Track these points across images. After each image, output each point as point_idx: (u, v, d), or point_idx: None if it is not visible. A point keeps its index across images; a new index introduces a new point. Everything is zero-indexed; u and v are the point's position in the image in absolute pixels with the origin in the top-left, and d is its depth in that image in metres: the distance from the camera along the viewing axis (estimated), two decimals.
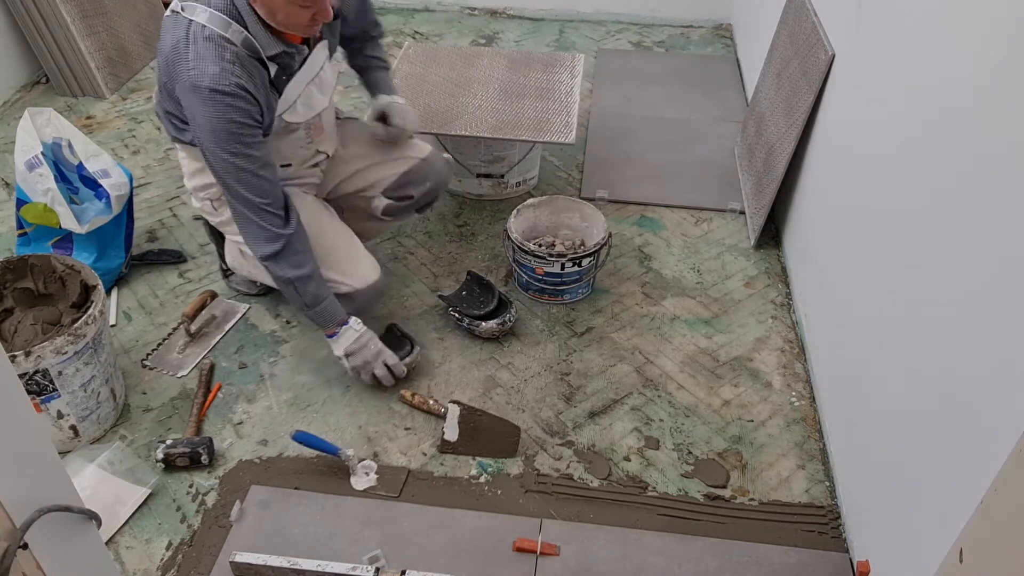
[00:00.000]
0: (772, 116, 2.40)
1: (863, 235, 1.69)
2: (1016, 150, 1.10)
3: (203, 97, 1.58)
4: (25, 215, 2.03)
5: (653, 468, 1.74)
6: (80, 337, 1.62)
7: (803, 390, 1.93)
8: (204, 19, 1.59)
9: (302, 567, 1.44)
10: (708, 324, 2.11)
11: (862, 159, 1.75)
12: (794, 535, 1.61)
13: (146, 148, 2.81)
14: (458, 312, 2.03)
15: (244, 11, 1.61)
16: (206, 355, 2.00)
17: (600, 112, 3.01)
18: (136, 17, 3.30)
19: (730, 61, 3.41)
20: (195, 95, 1.59)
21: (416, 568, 1.48)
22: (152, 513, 1.65)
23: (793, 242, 2.26)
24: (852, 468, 1.64)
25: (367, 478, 1.70)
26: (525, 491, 1.69)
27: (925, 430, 1.30)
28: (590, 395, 1.91)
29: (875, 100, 1.70)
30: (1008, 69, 1.15)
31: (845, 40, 1.94)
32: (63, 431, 1.72)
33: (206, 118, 1.60)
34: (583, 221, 2.24)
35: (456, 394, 1.90)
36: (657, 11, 3.75)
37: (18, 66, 3.11)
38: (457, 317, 2.03)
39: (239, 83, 1.59)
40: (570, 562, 1.55)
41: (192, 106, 1.61)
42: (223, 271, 2.20)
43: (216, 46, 1.58)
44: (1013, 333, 1.06)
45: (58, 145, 2.05)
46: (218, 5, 1.61)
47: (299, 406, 1.88)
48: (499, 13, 3.86)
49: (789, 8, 2.45)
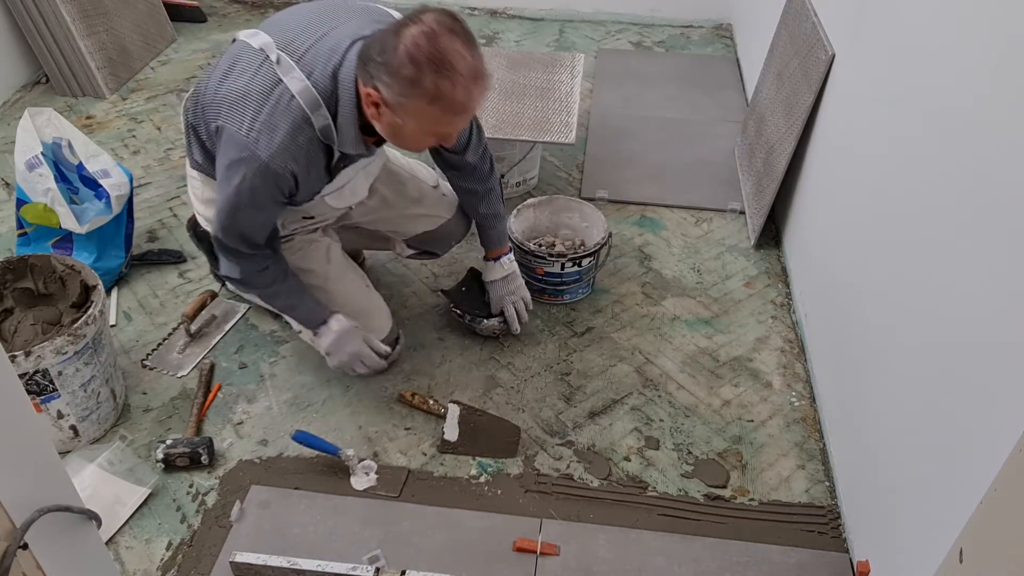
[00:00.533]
0: (772, 116, 2.40)
1: (863, 235, 1.69)
2: (1016, 150, 1.10)
3: (251, 163, 1.48)
4: (25, 215, 2.03)
5: (653, 468, 1.74)
6: (80, 337, 1.62)
7: (803, 390, 1.93)
8: (296, 89, 1.46)
9: (302, 567, 1.44)
10: (708, 324, 2.11)
11: (862, 159, 1.75)
12: (794, 535, 1.61)
13: (146, 148, 2.81)
14: (459, 309, 2.02)
15: (344, 101, 1.48)
16: (206, 355, 2.00)
17: (600, 112, 3.01)
18: (136, 17, 3.31)
19: (730, 61, 3.41)
20: (242, 153, 1.48)
21: (416, 568, 1.48)
22: (152, 513, 1.65)
23: (793, 242, 2.26)
24: (852, 468, 1.64)
25: (367, 478, 1.70)
26: (525, 491, 1.69)
27: (925, 430, 1.30)
28: (590, 395, 1.91)
29: (875, 100, 1.70)
30: (1008, 69, 1.15)
31: (845, 40, 1.94)
32: (63, 431, 1.72)
33: (243, 178, 1.49)
34: (583, 221, 2.24)
35: (456, 394, 1.90)
36: (657, 11, 3.75)
37: (18, 66, 3.11)
38: (459, 313, 2.02)
39: (293, 170, 1.50)
40: (570, 562, 1.55)
41: (234, 160, 1.50)
42: (216, 275, 2.17)
43: (294, 125, 1.46)
44: (1013, 333, 1.06)
45: (58, 145, 2.05)
46: (318, 81, 1.47)
47: (299, 406, 1.88)
48: (499, 13, 3.86)
49: (789, 8, 2.45)
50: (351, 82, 1.47)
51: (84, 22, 3.00)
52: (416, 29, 1.37)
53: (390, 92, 1.40)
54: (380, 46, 1.40)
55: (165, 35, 3.50)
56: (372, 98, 1.43)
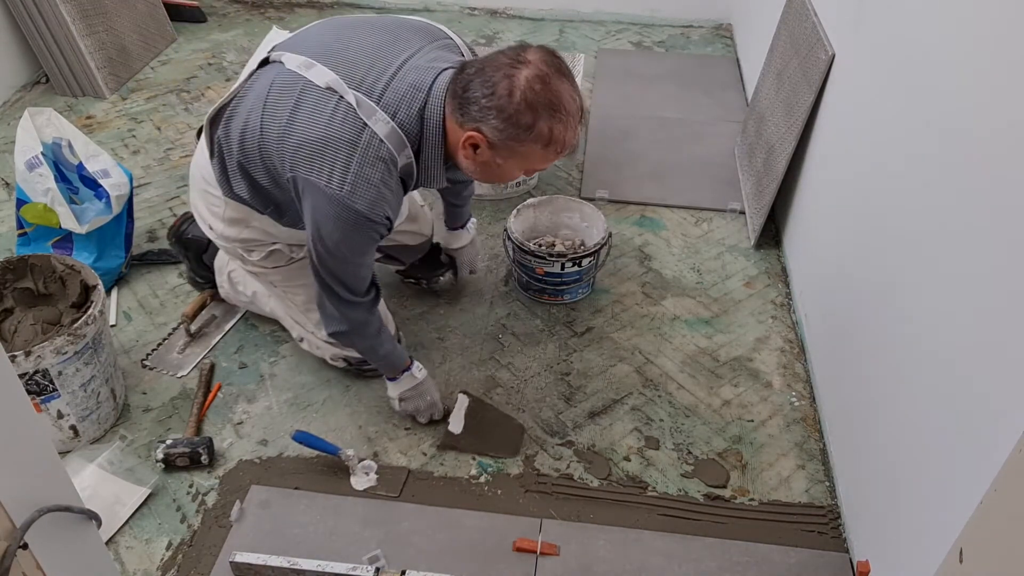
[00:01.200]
0: (772, 116, 2.40)
1: (863, 235, 1.69)
2: (1017, 149, 1.10)
3: (346, 217, 1.41)
4: (25, 215, 2.03)
5: (653, 468, 1.74)
6: (80, 337, 1.62)
7: (803, 390, 1.93)
8: (384, 133, 1.40)
9: (302, 567, 1.44)
10: (708, 324, 2.11)
11: (862, 159, 1.75)
12: (794, 535, 1.61)
13: (146, 148, 2.81)
14: (413, 278, 2.18)
15: (430, 139, 1.45)
16: (206, 355, 2.00)
17: (600, 112, 3.01)
18: (136, 17, 3.31)
19: (730, 61, 3.41)
20: (336, 208, 1.40)
21: (416, 568, 1.48)
22: (152, 513, 1.65)
23: (793, 242, 2.26)
24: (852, 468, 1.64)
25: (367, 478, 1.70)
26: (525, 491, 1.69)
27: (925, 430, 1.30)
28: (590, 395, 1.91)
29: (875, 100, 1.70)
30: (1008, 68, 1.15)
31: (845, 40, 1.94)
32: (63, 431, 1.72)
33: (339, 231, 1.43)
34: (583, 221, 2.24)
35: (456, 394, 1.90)
36: (657, 11, 3.75)
37: (18, 66, 3.11)
38: (413, 281, 2.19)
39: (388, 215, 1.45)
40: (570, 562, 1.55)
41: (326, 215, 1.42)
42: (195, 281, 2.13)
43: (385, 171, 1.41)
44: (1013, 333, 1.06)
45: (58, 145, 2.05)
46: (403, 122, 1.42)
47: (299, 406, 1.88)
48: (499, 13, 3.86)
49: (789, 8, 2.45)
50: (439, 119, 1.43)
51: (84, 22, 3.00)
52: (530, 73, 1.34)
53: (500, 136, 1.37)
54: (485, 87, 1.35)
55: (165, 35, 3.50)
56: (473, 140, 1.39)
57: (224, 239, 1.75)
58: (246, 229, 1.71)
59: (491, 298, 2.19)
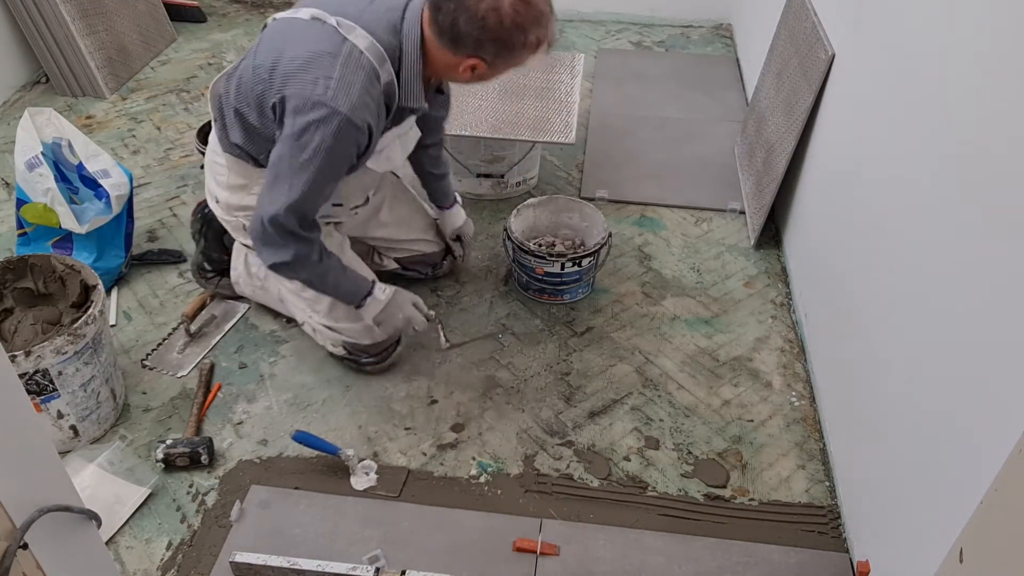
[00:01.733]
0: (772, 116, 2.40)
1: (863, 235, 1.69)
2: (1017, 148, 1.10)
3: (330, 121, 1.46)
4: (25, 215, 2.03)
5: (653, 468, 1.74)
6: (80, 337, 1.62)
7: (803, 390, 1.93)
8: (364, 46, 1.48)
9: (302, 567, 1.44)
10: (708, 324, 2.11)
11: (862, 159, 1.75)
12: (794, 535, 1.61)
13: (146, 148, 2.81)
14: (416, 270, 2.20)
15: (408, 51, 1.52)
16: (206, 355, 2.00)
17: (600, 112, 3.01)
18: (136, 16, 3.31)
19: (730, 61, 3.41)
20: (320, 112, 1.45)
21: (416, 568, 1.48)
22: (152, 513, 1.65)
23: (793, 242, 2.26)
24: (852, 468, 1.64)
25: (367, 478, 1.70)
26: (525, 491, 1.69)
27: (925, 430, 1.30)
28: (590, 395, 1.91)
29: (875, 99, 1.70)
30: (1008, 68, 1.15)
31: (845, 40, 1.94)
32: (63, 431, 1.72)
33: (321, 139, 1.47)
34: (583, 221, 2.24)
35: (456, 394, 1.90)
36: (657, 11, 3.75)
37: (18, 66, 3.11)
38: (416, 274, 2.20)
39: (369, 124, 1.51)
40: (570, 562, 1.55)
41: (311, 122, 1.46)
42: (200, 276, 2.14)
43: (367, 78, 1.48)
44: (1013, 333, 1.06)
45: (58, 145, 2.05)
46: (381, 37, 1.50)
47: (299, 406, 1.88)
48: None
49: (789, 8, 2.45)
50: (416, 37, 1.52)
51: (84, 22, 3.00)
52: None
53: (498, 58, 1.51)
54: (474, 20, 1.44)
55: (165, 35, 3.50)
56: (474, 64, 1.52)
57: (228, 209, 1.81)
58: (248, 196, 1.76)
59: (491, 298, 2.19)
